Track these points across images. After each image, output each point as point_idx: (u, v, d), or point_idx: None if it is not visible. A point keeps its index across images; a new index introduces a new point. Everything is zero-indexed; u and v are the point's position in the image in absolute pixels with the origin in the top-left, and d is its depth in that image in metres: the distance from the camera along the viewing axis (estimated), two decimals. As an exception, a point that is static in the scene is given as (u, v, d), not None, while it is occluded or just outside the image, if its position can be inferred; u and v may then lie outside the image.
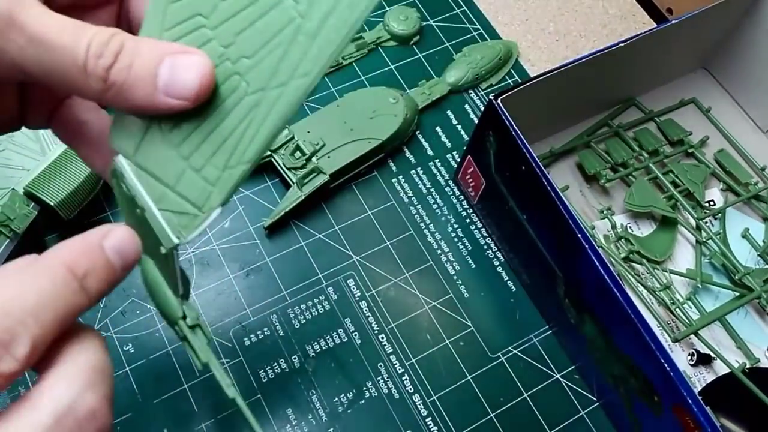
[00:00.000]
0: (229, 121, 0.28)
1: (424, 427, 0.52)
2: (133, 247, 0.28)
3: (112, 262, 0.27)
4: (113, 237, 0.27)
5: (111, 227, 0.27)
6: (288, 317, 0.54)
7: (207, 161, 0.28)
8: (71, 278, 0.25)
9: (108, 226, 0.27)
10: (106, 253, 0.27)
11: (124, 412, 0.49)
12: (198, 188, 0.29)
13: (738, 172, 0.64)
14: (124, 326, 0.52)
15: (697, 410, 0.42)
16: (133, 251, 0.28)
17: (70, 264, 0.25)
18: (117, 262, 0.27)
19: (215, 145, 0.28)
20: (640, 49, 0.57)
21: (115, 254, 0.27)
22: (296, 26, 0.26)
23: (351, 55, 0.67)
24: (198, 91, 0.27)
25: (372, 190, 0.61)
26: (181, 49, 0.27)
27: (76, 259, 0.26)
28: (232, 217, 0.58)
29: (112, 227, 0.27)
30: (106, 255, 0.27)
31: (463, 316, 0.56)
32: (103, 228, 0.27)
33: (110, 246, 0.27)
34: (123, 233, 0.27)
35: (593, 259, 0.45)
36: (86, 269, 0.26)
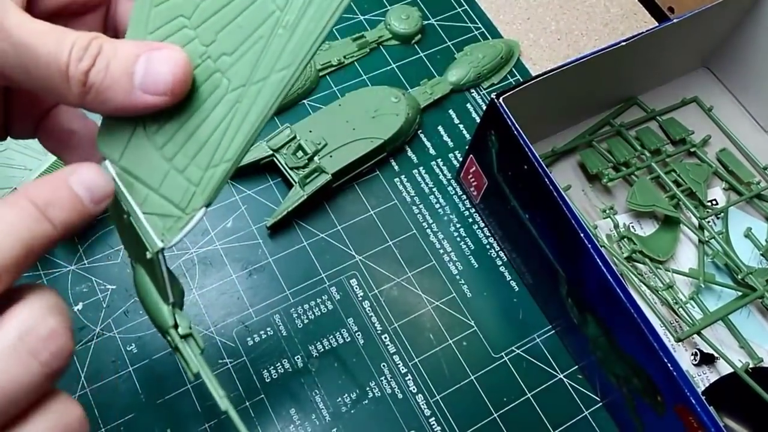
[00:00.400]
0: (211, 119, 0.28)
1: (427, 427, 0.52)
2: (101, 180, 0.27)
3: (77, 193, 0.27)
4: (79, 173, 0.27)
5: (78, 165, 0.27)
6: (291, 317, 0.54)
7: (190, 161, 0.28)
8: (32, 207, 0.25)
9: (74, 165, 0.27)
10: (70, 185, 0.26)
11: (127, 412, 0.49)
12: (181, 189, 0.29)
13: (740, 172, 0.64)
14: (127, 326, 0.52)
15: (700, 410, 0.42)
16: (102, 185, 0.27)
17: (31, 195, 0.26)
18: (84, 194, 0.27)
19: (198, 145, 0.28)
20: (642, 48, 0.57)
21: (82, 187, 0.27)
22: (275, 19, 0.26)
23: (352, 54, 0.67)
24: (173, 84, 0.27)
25: (374, 190, 0.61)
26: (155, 46, 0.27)
27: (38, 191, 0.26)
28: (235, 216, 0.58)
29: (79, 165, 0.27)
30: (70, 186, 0.26)
31: (466, 316, 0.56)
32: (72, 166, 0.27)
33: (75, 179, 0.27)
34: (89, 169, 0.27)
35: (596, 258, 0.45)
36: (48, 199, 0.26)
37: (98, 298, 0.53)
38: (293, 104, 0.64)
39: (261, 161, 0.58)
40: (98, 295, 0.53)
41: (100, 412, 0.49)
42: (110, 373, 0.51)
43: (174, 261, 0.55)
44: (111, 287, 0.53)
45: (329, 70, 0.66)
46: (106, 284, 0.54)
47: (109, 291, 0.53)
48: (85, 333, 0.52)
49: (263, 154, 0.58)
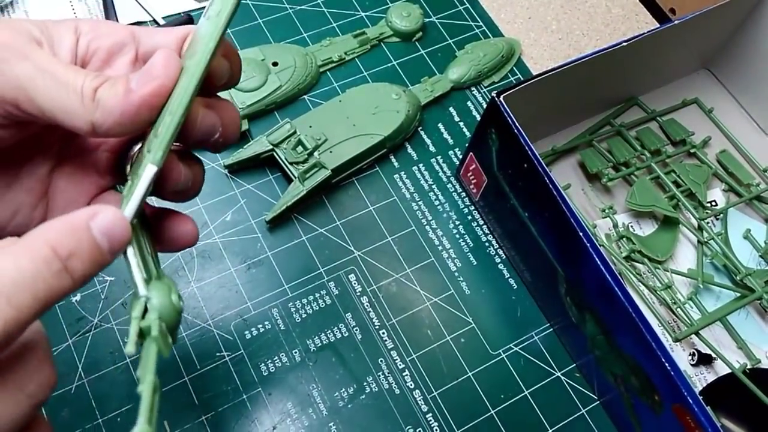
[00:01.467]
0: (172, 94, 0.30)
1: (424, 422, 0.52)
2: (121, 229, 0.27)
3: (99, 243, 0.26)
4: (101, 218, 0.26)
5: (99, 208, 0.26)
6: (289, 311, 0.54)
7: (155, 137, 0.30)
8: (54, 258, 0.24)
9: (95, 207, 0.26)
10: (92, 233, 0.26)
11: (125, 403, 0.49)
12: (143, 164, 0.30)
13: (740, 173, 0.64)
14: (125, 318, 0.52)
15: (698, 410, 0.42)
16: (121, 233, 0.27)
17: (53, 243, 0.24)
18: (104, 245, 0.26)
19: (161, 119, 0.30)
20: (643, 49, 0.57)
21: (103, 236, 0.26)
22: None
23: (354, 51, 0.67)
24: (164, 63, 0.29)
25: (374, 186, 0.61)
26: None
27: (60, 238, 0.25)
28: (234, 210, 0.58)
29: (101, 208, 0.26)
30: (92, 236, 0.26)
31: (464, 313, 0.56)
32: (90, 208, 0.26)
33: (97, 227, 0.26)
34: (111, 214, 0.26)
35: (595, 258, 0.45)
36: (71, 250, 0.25)
37: (96, 289, 0.53)
38: (294, 99, 0.63)
39: (261, 156, 0.58)
40: (96, 286, 0.53)
41: (97, 403, 0.49)
42: (108, 364, 0.50)
43: (173, 254, 0.55)
44: (109, 279, 0.53)
45: (330, 66, 0.66)
46: (104, 276, 0.53)
47: (108, 282, 0.53)
48: (83, 324, 0.52)
49: (263, 149, 0.58)
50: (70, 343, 0.51)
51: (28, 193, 0.34)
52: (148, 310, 0.28)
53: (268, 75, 0.62)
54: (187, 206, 0.57)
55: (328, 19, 0.69)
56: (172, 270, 0.54)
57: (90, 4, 0.65)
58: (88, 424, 0.48)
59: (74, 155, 0.35)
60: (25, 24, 0.31)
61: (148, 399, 0.26)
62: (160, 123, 0.30)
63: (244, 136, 0.60)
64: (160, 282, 0.29)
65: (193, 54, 0.30)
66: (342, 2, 0.70)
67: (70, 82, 0.28)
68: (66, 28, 0.32)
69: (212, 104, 0.33)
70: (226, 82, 0.33)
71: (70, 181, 0.35)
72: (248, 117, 0.61)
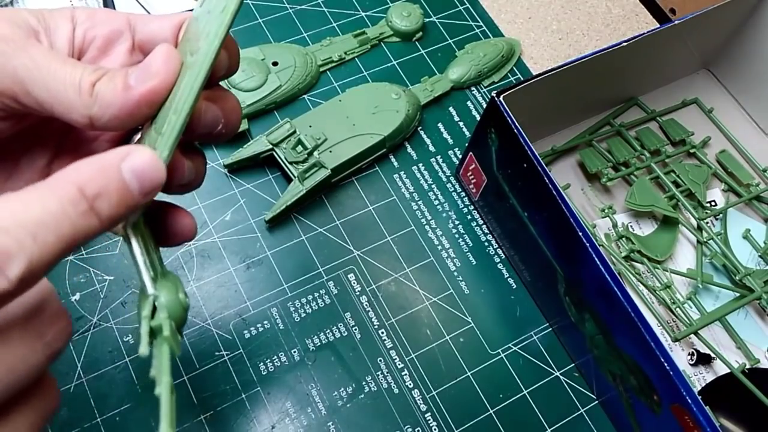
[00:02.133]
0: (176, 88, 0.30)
1: (423, 422, 0.52)
2: (155, 170, 0.26)
3: (128, 184, 0.26)
4: (134, 158, 0.26)
5: (132, 148, 0.26)
6: (288, 310, 0.54)
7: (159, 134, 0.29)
8: (80, 198, 0.24)
9: (128, 147, 0.26)
10: (122, 174, 0.25)
11: (124, 402, 0.49)
12: None
13: (739, 173, 0.64)
14: (124, 317, 0.52)
15: (697, 410, 0.42)
16: (155, 174, 0.26)
17: (80, 183, 0.24)
18: (134, 186, 0.26)
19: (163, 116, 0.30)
20: (643, 49, 0.57)
21: (133, 176, 0.26)
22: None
23: (354, 51, 0.67)
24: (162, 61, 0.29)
25: (373, 186, 0.61)
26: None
27: (88, 178, 0.25)
28: (234, 210, 0.58)
29: (134, 148, 0.26)
30: (122, 176, 0.25)
31: (464, 313, 0.56)
32: (123, 148, 0.26)
33: (128, 167, 0.26)
34: (145, 155, 0.26)
35: (594, 257, 0.45)
36: (98, 189, 0.25)
37: (96, 288, 0.53)
38: (294, 99, 0.64)
39: (260, 155, 0.58)
40: (96, 285, 0.53)
41: (96, 402, 0.49)
42: (107, 363, 0.51)
43: (172, 253, 0.55)
44: (109, 278, 0.53)
45: (330, 65, 0.66)
46: (103, 275, 0.54)
47: (107, 282, 0.53)
48: (82, 323, 0.52)
49: (263, 148, 0.58)
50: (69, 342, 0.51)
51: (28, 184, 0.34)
52: (156, 309, 0.28)
53: (268, 75, 0.62)
54: (187, 206, 0.56)
55: (328, 18, 0.69)
56: (171, 268, 0.54)
57: (89, 2, 0.65)
58: (87, 423, 0.48)
59: (73, 146, 0.35)
60: (23, 14, 0.30)
61: (167, 401, 0.26)
62: (163, 120, 0.30)
63: (243, 136, 0.60)
64: (166, 280, 0.29)
65: (195, 50, 0.30)
66: (342, 2, 0.70)
67: (67, 76, 0.28)
68: (62, 17, 0.32)
69: (213, 96, 0.33)
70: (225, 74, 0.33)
71: None
72: (248, 116, 0.61)
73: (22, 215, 0.23)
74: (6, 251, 0.22)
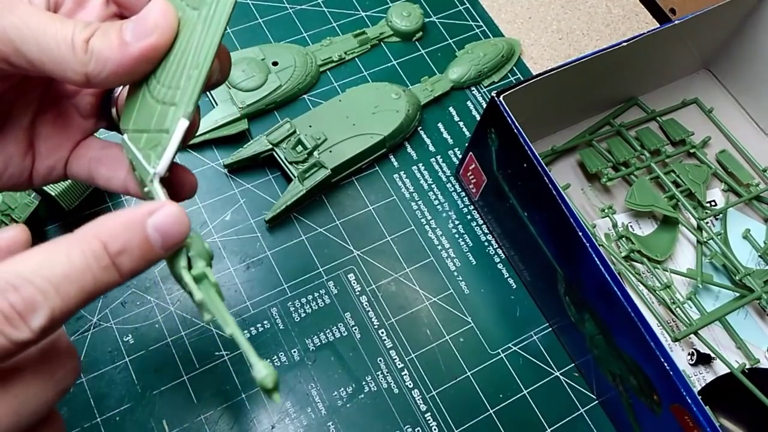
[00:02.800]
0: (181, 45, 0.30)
1: (423, 422, 0.52)
2: (179, 226, 0.26)
3: (151, 241, 0.26)
4: (159, 215, 0.26)
5: (158, 204, 0.26)
6: (288, 310, 0.54)
7: (170, 88, 0.29)
8: (103, 253, 0.25)
9: (155, 204, 0.26)
10: (147, 231, 0.26)
11: (124, 402, 0.49)
12: (167, 116, 0.30)
13: (739, 173, 0.64)
14: (124, 317, 0.52)
15: (696, 410, 0.42)
16: (178, 231, 0.26)
17: (105, 239, 0.25)
18: (157, 242, 0.26)
19: (175, 71, 0.29)
20: (643, 49, 0.57)
21: (157, 233, 0.26)
22: None
23: (354, 51, 0.67)
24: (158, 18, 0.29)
25: (373, 185, 0.61)
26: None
27: (113, 234, 0.25)
28: (234, 210, 0.58)
29: (160, 204, 0.26)
30: (146, 233, 0.26)
31: (463, 312, 0.56)
32: (151, 205, 0.26)
33: (154, 224, 0.26)
34: (169, 211, 0.26)
35: (594, 257, 0.45)
36: (122, 246, 0.25)
37: (96, 288, 0.53)
38: (293, 99, 0.64)
39: (260, 155, 0.58)
40: (96, 285, 0.53)
41: (95, 402, 0.49)
42: (107, 363, 0.51)
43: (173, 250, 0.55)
44: (109, 278, 0.53)
45: (330, 65, 0.66)
46: (103, 275, 0.53)
47: (107, 282, 0.53)
48: (82, 323, 0.52)
49: (263, 148, 0.58)
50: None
51: (16, 142, 0.34)
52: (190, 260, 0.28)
53: (268, 74, 0.62)
54: (187, 205, 0.57)
55: (328, 18, 0.69)
56: (172, 269, 0.54)
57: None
58: (87, 423, 0.48)
59: (55, 101, 0.35)
60: None
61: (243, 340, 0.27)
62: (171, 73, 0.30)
63: (243, 136, 0.60)
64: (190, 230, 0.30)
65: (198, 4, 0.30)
66: (342, 2, 0.70)
67: (59, 33, 0.28)
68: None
69: None
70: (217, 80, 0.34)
71: (54, 127, 0.35)
72: (248, 116, 0.61)
73: (47, 267, 0.24)
74: (31, 302, 0.23)
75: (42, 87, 0.35)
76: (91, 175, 0.36)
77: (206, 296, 0.28)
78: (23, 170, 0.35)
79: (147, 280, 0.54)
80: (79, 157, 0.36)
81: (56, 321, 0.24)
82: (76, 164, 0.36)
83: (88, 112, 0.36)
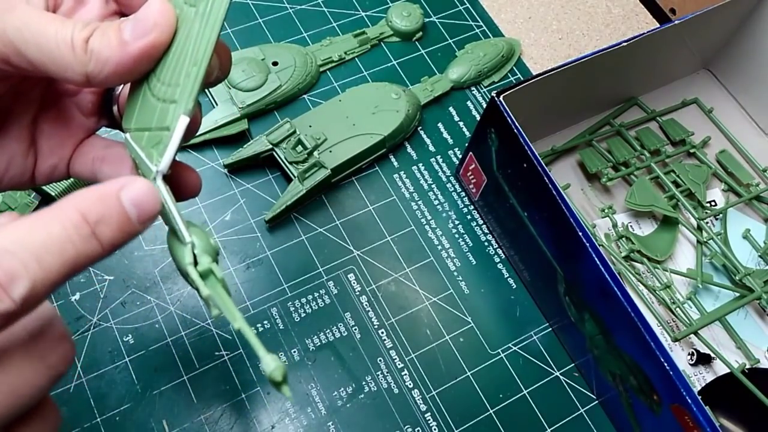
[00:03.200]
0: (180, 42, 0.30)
1: (423, 422, 0.52)
2: (151, 199, 0.27)
3: (127, 211, 0.26)
4: (131, 188, 0.26)
5: (129, 179, 0.27)
6: (288, 310, 0.54)
7: (169, 86, 0.30)
8: (82, 223, 0.25)
9: (126, 178, 0.27)
10: (122, 202, 0.26)
11: (124, 402, 0.49)
12: (168, 113, 0.30)
13: (739, 173, 0.64)
14: (124, 317, 0.52)
15: (696, 410, 0.42)
16: (150, 203, 0.27)
17: (83, 209, 0.25)
18: (133, 213, 0.26)
19: (174, 69, 0.30)
20: (643, 49, 0.57)
21: (132, 205, 0.26)
22: None
23: (353, 51, 0.67)
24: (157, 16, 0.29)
25: (373, 185, 0.61)
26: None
27: (89, 205, 0.25)
28: (233, 210, 0.58)
29: (131, 179, 0.27)
30: (121, 204, 0.26)
31: (463, 312, 0.56)
32: (121, 179, 0.27)
33: (127, 197, 0.26)
34: (141, 185, 0.27)
35: (594, 257, 0.45)
36: (100, 216, 0.25)
37: (95, 288, 0.53)
38: (294, 99, 0.64)
39: (260, 155, 0.58)
40: (96, 285, 0.53)
41: (95, 402, 0.49)
42: (106, 363, 0.51)
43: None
44: (109, 278, 0.53)
45: (330, 65, 0.66)
46: (103, 275, 0.54)
47: (107, 282, 0.53)
48: (82, 323, 0.52)
49: (263, 148, 0.58)
50: (69, 341, 0.51)
51: (18, 141, 0.34)
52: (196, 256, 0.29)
53: (268, 74, 0.62)
54: (187, 205, 0.57)
55: (328, 18, 0.69)
56: (171, 269, 0.54)
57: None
58: (87, 423, 0.48)
59: (56, 99, 0.35)
60: None
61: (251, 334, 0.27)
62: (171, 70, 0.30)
63: (243, 136, 0.60)
64: (194, 227, 0.30)
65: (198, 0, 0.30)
66: (342, 2, 0.70)
67: (58, 34, 0.28)
68: None
69: None
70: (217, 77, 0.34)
71: (55, 125, 0.36)
72: (248, 116, 0.61)
73: (27, 238, 0.24)
74: (11, 272, 0.23)
75: (43, 86, 0.35)
76: (94, 174, 0.36)
77: (213, 292, 0.28)
78: (26, 169, 0.35)
79: (147, 280, 0.54)
80: (82, 156, 0.36)
81: (38, 292, 0.24)
82: (79, 163, 0.36)
83: (90, 110, 0.36)
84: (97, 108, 0.36)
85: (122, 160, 0.35)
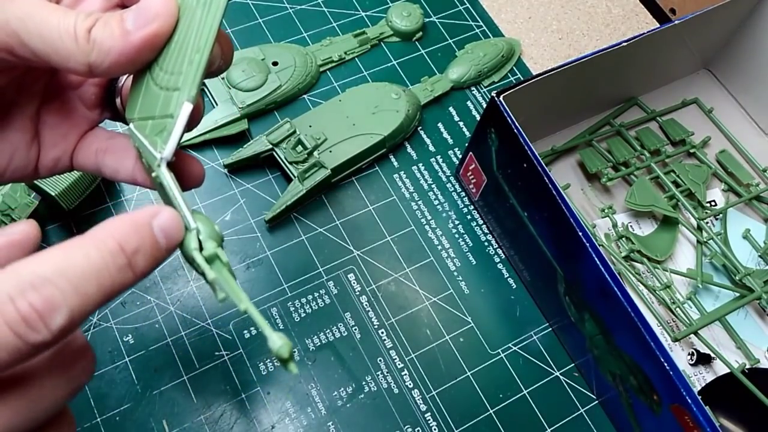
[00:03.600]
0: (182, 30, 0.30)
1: (422, 422, 0.52)
2: (177, 228, 0.27)
3: (159, 241, 0.27)
4: (162, 217, 0.27)
5: (159, 208, 0.27)
6: (288, 310, 0.54)
7: (172, 74, 0.30)
8: (120, 253, 0.25)
9: (156, 207, 0.27)
10: (154, 232, 0.26)
11: (124, 402, 0.49)
12: (171, 101, 0.30)
13: (739, 173, 0.64)
14: (124, 317, 0.52)
15: (696, 410, 0.42)
16: (176, 232, 0.27)
17: (120, 239, 0.25)
18: (163, 242, 0.27)
19: (177, 57, 0.30)
20: (643, 49, 0.57)
21: (162, 234, 0.27)
22: None
23: (353, 51, 0.67)
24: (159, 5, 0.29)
25: (373, 185, 0.61)
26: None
27: (126, 235, 0.25)
28: (233, 210, 0.58)
29: (160, 208, 0.27)
30: (154, 233, 0.26)
31: (463, 312, 0.56)
32: (152, 208, 0.27)
33: (158, 225, 0.27)
34: (170, 214, 0.27)
35: (594, 257, 0.45)
36: (137, 246, 0.26)
37: (96, 288, 0.53)
38: (294, 99, 0.64)
39: (260, 155, 0.58)
40: (96, 285, 0.53)
41: (95, 402, 0.49)
42: (106, 363, 0.51)
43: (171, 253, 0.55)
44: (109, 278, 0.53)
45: (330, 65, 0.66)
46: (103, 275, 0.53)
47: (107, 282, 0.53)
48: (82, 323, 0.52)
49: (263, 148, 0.58)
50: (69, 341, 0.51)
51: (21, 133, 0.34)
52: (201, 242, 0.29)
53: (268, 74, 0.62)
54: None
55: (328, 18, 0.69)
56: (171, 269, 0.54)
57: None
58: (87, 423, 0.48)
59: (59, 91, 0.36)
60: None
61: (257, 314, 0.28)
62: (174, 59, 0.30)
63: (243, 136, 0.60)
64: (199, 214, 0.30)
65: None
66: (342, 2, 0.70)
67: (61, 24, 0.28)
68: None
69: None
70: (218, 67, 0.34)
71: (59, 117, 0.36)
72: (248, 116, 0.61)
73: (65, 266, 0.24)
74: (51, 302, 0.23)
75: (46, 77, 0.35)
76: (97, 165, 0.36)
77: (219, 275, 0.28)
78: (29, 161, 0.35)
79: (147, 280, 0.54)
80: (86, 148, 0.36)
81: (75, 321, 0.24)
82: (83, 155, 0.36)
83: (93, 102, 0.36)
84: (100, 100, 0.36)
85: (125, 151, 0.35)
